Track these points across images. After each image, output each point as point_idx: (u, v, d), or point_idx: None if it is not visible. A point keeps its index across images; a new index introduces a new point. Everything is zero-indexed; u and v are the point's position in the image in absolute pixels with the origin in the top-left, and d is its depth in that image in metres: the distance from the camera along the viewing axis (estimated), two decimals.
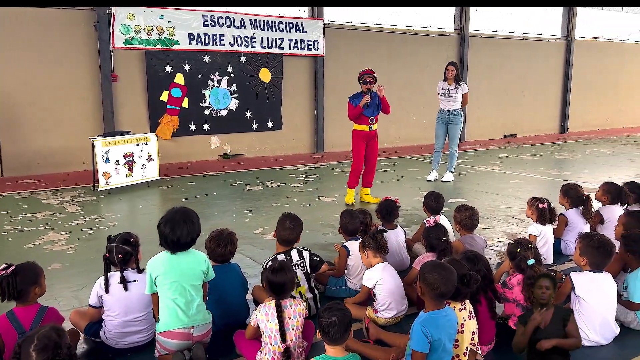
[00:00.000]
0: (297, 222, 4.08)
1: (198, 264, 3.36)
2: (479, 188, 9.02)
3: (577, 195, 5.42)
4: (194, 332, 3.26)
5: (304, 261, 4.03)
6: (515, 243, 3.67)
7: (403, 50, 14.42)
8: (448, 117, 9.46)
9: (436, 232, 4.14)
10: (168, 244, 3.30)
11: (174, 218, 3.32)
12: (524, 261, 3.52)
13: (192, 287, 3.29)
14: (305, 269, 4.02)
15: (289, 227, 4.02)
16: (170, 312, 3.23)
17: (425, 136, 15.21)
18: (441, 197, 5.35)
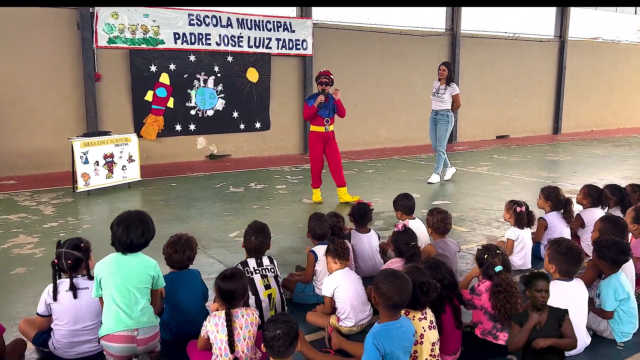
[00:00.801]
0: (264, 233, 3.97)
1: (146, 268, 3.25)
2: (465, 190, 8.89)
3: (557, 198, 5.29)
4: (137, 335, 3.12)
5: (274, 266, 3.93)
6: (483, 249, 3.54)
7: (394, 50, 14.28)
8: (435, 117, 9.37)
9: (404, 237, 4.00)
10: (120, 244, 3.24)
11: (128, 218, 3.29)
12: (492, 268, 3.38)
13: (138, 289, 3.18)
14: (276, 273, 3.91)
15: (254, 240, 3.92)
16: (112, 314, 3.11)
17: (416, 137, 15.09)
18: (411, 196, 5.23)
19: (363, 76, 13.85)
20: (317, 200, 7.92)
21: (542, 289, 3.04)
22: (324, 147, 7.83)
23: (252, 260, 3.87)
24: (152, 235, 3.33)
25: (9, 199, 8.07)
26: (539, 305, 3.06)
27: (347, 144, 13.82)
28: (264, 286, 3.80)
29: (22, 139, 9.91)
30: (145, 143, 11.09)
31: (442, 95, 9.19)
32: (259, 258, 3.90)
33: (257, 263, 3.86)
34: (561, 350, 3.08)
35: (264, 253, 3.96)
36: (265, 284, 3.81)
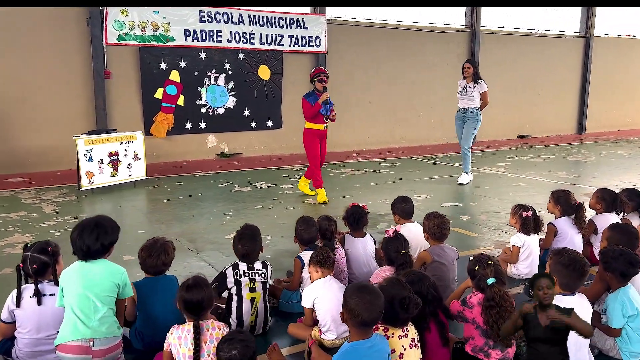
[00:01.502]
0: (253, 238, 3.77)
1: (111, 276, 3.08)
2: (478, 191, 8.55)
3: (567, 202, 4.96)
4: (93, 345, 2.93)
5: (265, 272, 3.74)
6: (473, 260, 3.26)
7: (410, 47, 13.95)
8: (464, 115, 9.05)
9: (395, 244, 3.75)
10: (77, 250, 3.11)
11: (83, 223, 3.19)
12: (483, 280, 3.11)
13: (99, 297, 3.01)
14: (266, 279, 3.73)
15: (242, 244, 3.74)
16: (69, 323, 2.95)
17: (433, 136, 14.75)
18: (409, 199, 4.95)
19: (378, 74, 13.55)
20: (323, 201, 7.69)
21: (545, 286, 2.77)
22: (320, 143, 7.80)
23: (244, 264, 3.71)
24: (111, 239, 3.18)
25: (14, 196, 8.03)
26: (543, 303, 2.77)
27: (361, 143, 13.58)
28: (249, 289, 3.63)
29: (31, 136, 9.89)
30: (155, 141, 11.01)
31: (470, 93, 8.88)
32: (251, 262, 3.72)
33: (248, 267, 3.70)
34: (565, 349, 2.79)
35: (255, 258, 3.77)
36: (250, 287, 3.64)
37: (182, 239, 5.90)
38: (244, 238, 3.74)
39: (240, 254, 3.72)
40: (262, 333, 3.71)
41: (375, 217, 6.82)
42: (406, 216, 4.91)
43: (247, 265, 3.68)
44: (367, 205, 6.94)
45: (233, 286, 3.60)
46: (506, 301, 3.00)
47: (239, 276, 3.61)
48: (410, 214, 4.90)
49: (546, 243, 4.99)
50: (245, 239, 3.72)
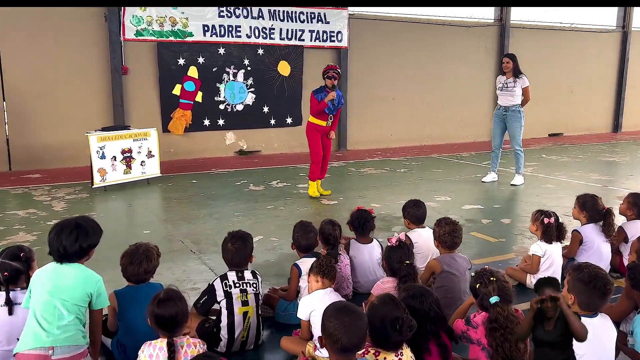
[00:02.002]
0: (244, 243, 3.52)
1: (83, 283, 2.87)
2: (501, 193, 8.14)
3: (594, 208, 4.56)
4: (52, 354, 2.71)
5: (257, 281, 3.49)
6: (475, 276, 2.94)
7: (436, 42, 13.50)
8: (505, 113, 8.57)
9: (398, 253, 3.44)
10: (53, 251, 2.91)
11: (63, 223, 2.98)
12: (486, 299, 2.79)
13: (65, 305, 2.79)
14: (258, 290, 3.47)
15: (231, 249, 3.49)
16: (29, 329, 2.74)
17: (460, 134, 14.28)
18: (422, 203, 4.61)
19: (402, 69, 13.16)
20: (315, 195, 7.67)
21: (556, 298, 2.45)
22: (322, 139, 7.65)
23: (233, 274, 3.45)
24: (90, 242, 2.96)
25: (27, 193, 7.96)
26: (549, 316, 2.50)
27: (384, 141, 13.23)
28: (241, 302, 3.38)
29: (49, 132, 9.85)
30: (172, 138, 10.88)
31: (512, 89, 8.43)
32: (240, 271, 3.46)
33: (238, 277, 3.44)
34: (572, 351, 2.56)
35: (245, 266, 3.51)
36: (242, 300, 3.38)
37: (187, 240, 5.70)
38: (236, 241, 3.47)
39: (229, 258, 3.46)
40: (254, 348, 3.46)
41: (390, 220, 6.50)
42: (417, 222, 4.59)
43: (237, 274, 3.42)
44: (383, 206, 6.66)
45: (223, 299, 3.34)
46: (512, 322, 2.67)
47: (228, 287, 3.36)
48: (422, 219, 4.58)
49: (570, 252, 4.61)
50: (237, 242, 3.46)
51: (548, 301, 2.46)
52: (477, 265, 4.91)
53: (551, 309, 2.48)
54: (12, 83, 9.49)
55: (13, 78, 9.48)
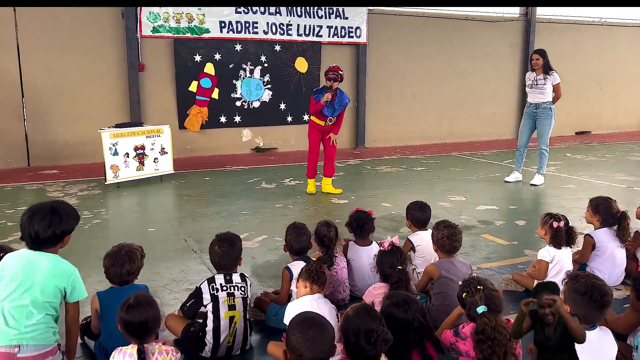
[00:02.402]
0: (231, 245, 3.40)
1: (56, 278, 2.78)
2: (519, 194, 7.88)
3: (608, 211, 4.32)
4: (18, 352, 2.62)
5: (245, 285, 3.37)
6: (462, 285, 2.78)
7: (458, 38, 13.20)
8: (535, 111, 8.27)
9: (390, 258, 3.29)
10: (25, 235, 2.81)
11: (37, 208, 2.86)
12: (473, 309, 2.62)
13: (35, 304, 2.70)
14: (246, 294, 3.35)
15: (218, 252, 3.38)
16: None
17: (483, 132, 13.97)
18: (427, 207, 4.43)
19: (422, 65, 12.91)
20: (311, 191, 7.71)
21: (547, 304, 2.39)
22: (322, 136, 7.63)
23: (221, 277, 3.34)
24: (64, 228, 2.85)
25: (42, 189, 8.02)
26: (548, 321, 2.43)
27: (403, 138, 13.01)
28: (228, 306, 3.26)
29: (66, 129, 9.94)
30: (189, 135, 10.89)
31: (542, 86, 8.14)
32: (229, 274, 3.35)
33: (226, 279, 3.33)
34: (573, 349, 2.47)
35: (233, 269, 3.41)
36: (229, 304, 3.26)
37: (190, 239, 5.63)
38: (223, 244, 3.37)
39: (215, 262, 3.37)
40: (240, 353, 3.35)
41: (399, 220, 6.32)
42: (420, 225, 4.42)
43: (225, 277, 3.32)
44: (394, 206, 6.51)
45: (209, 303, 3.24)
46: (501, 333, 2.50)
47: (215, 291, 3.25)
48: (425, 223, 4.41)
49: (582, 257, 4.39)
50: (224, 245, 3.36)
51: (546, 307, 2.36)
52: (484, 270, 4.73)
53: (549, 314, 2.39)
54: (30, 80, 9.60)
55: (31, 75, 9.58)
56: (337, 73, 7.28)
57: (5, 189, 7.99)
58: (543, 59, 8.22)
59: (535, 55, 8.33)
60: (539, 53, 8.34)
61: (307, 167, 7.77)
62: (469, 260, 4.94)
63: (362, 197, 7.51)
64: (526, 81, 8.43)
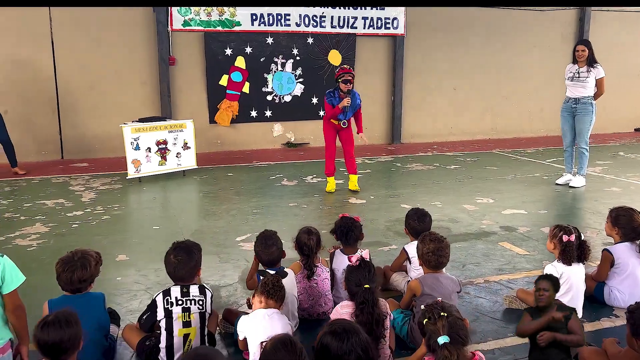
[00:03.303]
0: (188, 255, 3.16)
1: None
2: (554, 197, 7.30)
3: (630, 223, 3.82)
4: None
5: (204, 298, 3.12)
6: (424, 310, 2.43)
7: (503, 28, 12.49)
8: (574, 106, 7.65)
9: (356, 275, 2.96)
10: None
11: None
12: (434, 338, 2.28)
13: None
14: (205, 308, 3.11)
15: (173, 261, 3.15)
16: None
17: (530, 128, 13.24)
18: (427, 216, 4.05)
19: (465, 57, 12.30)
20: (330, 190, 7.42)
21: (542, 288, 2.97)
22: (337, 133, 7.41)
23: (177, 289, 3.11)
24: None
25: (65, 182, 8.12)
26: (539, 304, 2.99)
27: (443, 134, 12.48)
28: (182, 323, 3.03)
29: (98, 122, 10.05)
30: (219, 129, 10.81)
31: (585, 79, 7.50)
32: (186, 286, 3.12)
33: (182, 292, 3.09)
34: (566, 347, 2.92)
35: (190, 280, 3.18)
36: (184, 321, 3.03)
37: (191, 239, 5.43)
38: (179, 254, 3.15)
39: (170, 272, 3.15)
40: None
41: None
42: (417, 235, 4.02)
43: (181, 290, 3.09)
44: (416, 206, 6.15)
45: (163, 319, 3.03)
46: None
47: (170, 305, 3.03)
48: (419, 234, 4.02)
49: (600, 275, 3.91)
50: (180, 255, 3.14)
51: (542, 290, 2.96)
52: (492, 283, 4.31)
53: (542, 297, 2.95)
54: (64, 75, 9.76)
55: (65, 70, 9.74)
56: (352, 74, 7.05)
57: (32, 182, 8.13)
58: (589, 51, 7.58)
59: (580, 47, 7.67)
60: (584, 44, 7.69)
61: (325, 165, 7.49)
62: (478, 272, 4.58)
63: (382, 198, 7.16)
64: (566, 74, 7.79)
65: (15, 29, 9.34)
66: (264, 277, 3.03)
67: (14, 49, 9.39)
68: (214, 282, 4.38)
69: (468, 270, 4.63)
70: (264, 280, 3.00)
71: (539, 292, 2.96)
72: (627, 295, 3.79)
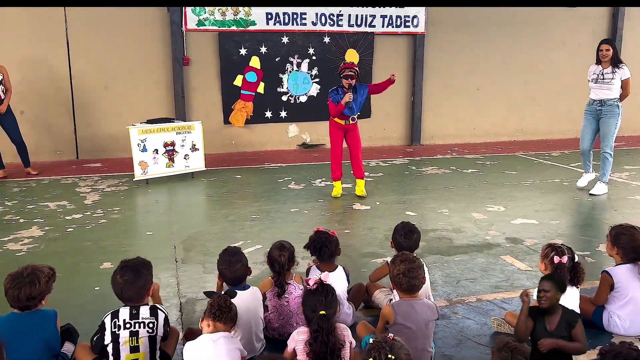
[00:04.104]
0: (135, 275, 2.98)
1: None
2: (571, 206, 6.88)
3: (631, 243, 3.49)
4: None
5: (155, 321, 2.94)
6: (370, 346, 2.20)
7: (530, 25, 11.98)
8: (600, 108, 7.23)
9: (312, 300, 2.74)
10: None
11: None
12: None
13: None
14: (155, 331, 2.93)
15: (119, 282, 2.97)
16: None
17: (559, 129, 12.69)
18: (414, 233, 3.79)
19: (488, 56, 11.85)
20: (336, 195, 7.21)
21: (543, 289, 2.93)
22: (344, 135, 7.17)
23: (126, 311, 2.93)
24: None
25: (74, 183, 8.12)
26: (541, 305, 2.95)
27: (465, 135, 12.08)
28: (130, 348, 2.86)
29: (112, 122, 10.06)
30: (233, 130, 10.71)
31: (610, 80, 7.08)
32: (135, 308, 2.95)
33: (132, 314, 2.92)
34: (568, 355, 2.95)
35: (140, 300, 3.00)
36: (132, 345, 2.86)
37: (180, 247, 5.34)
38: (125, 273, 2.98)
39: (116, 292, 2.98)
40: None
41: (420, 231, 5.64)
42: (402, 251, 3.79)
43: (131, 311, 2.91)
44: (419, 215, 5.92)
45: (110, 343, 2.86)
46: None
47: (117, 328, 2.86)
48: (407, 250, 3.77)
49: (598, 298, 3.60)
50: (127, 274, 2.97)
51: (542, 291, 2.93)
52: (485, 302, 4.02)
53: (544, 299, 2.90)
54: (78, 75, 9.80)
55: (80, 70, 9.78)
56: (354, 70, 6.84)
57: (41, 183, 8.17)
58: (613, 50, 7.14)
59: (604, 46, 7.24)
60: (608, 43, 7.26)
61: (331, 169, 7.27)
62: (472, 289, 4.29)
63: (388, 204, 6.89)
64: (589, 75, 7.37)
65: (31, 30, 9.42)
66: (211, 299, 2.85)
67: (30, 49, 9.48)
68: (192, 294, 4.23)
69: (461, 287, 4.35)
70: (210, 301, 2.82)
71: (540, 293, 2.92)
72: (627, 322, 3.46)
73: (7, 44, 9.26)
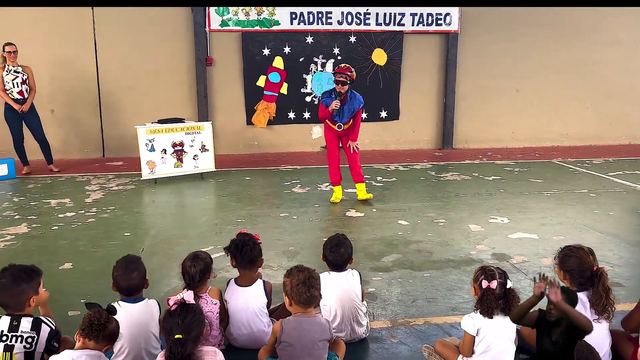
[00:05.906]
0: (15, 281, 2.84)
1: None
2: (585, 217, 6.22)
3: (579, 267, 3.01)
4: None
5: (35, 335, 2.78)
6: None
7: (574, 23, 11.11)
8: None
9: (169, 322, 2.48)
10: None
11: None
12: None
13: None
14: (34, 347, 2.77)
15: None
16: None
17: (608, 135, 11.76)
18: (341, 247, 3.46)
19: (528, 56, 11.10)
20: (335, 200, 6.92)
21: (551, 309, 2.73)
22: (339, 140, 6.90)
23: (6, 321, 2.78)
24: None
25: (87, 181, 8.27)
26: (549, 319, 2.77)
27: (502, 140, 11.40)
28: None
29: (137, 121, 10.08)
30: (256, 131, 10.61)
31: None
32: (17, 319, 2.80)
33: (11, 326, 2.77)
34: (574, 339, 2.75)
35: (20, 310, 2.83)
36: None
37: (148, 252, 5.22)
38: (4, 271, 2.85)
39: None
40: None
41: (397, 244, 5.30)
42: (331, 266, 3.50)
43: (11, 322, 2.76)
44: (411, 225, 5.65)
45: None
46: None
47: None
48: (335, 265, 3.47)
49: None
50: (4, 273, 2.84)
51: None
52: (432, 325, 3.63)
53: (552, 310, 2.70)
54: (106, 75, 10.03)
55: (106, 70, 10.01)
56: (346, 75, 6.47)
57: (57, 179, 8.39)
58: None
59: None
60: None
61: (329, 173, 6.99)
62: (425, 310, 3.92)
63: (385, 212, 6.51)
64: None
65: (61, 31, 9.73)
66: (87, 313, 2.66)
67: (60, 49, 9.79)
68: None
69: (415, 307, 3.96)
70: (85, 316, 2.64)
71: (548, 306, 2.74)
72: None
73: (38, 45, 9.61)
